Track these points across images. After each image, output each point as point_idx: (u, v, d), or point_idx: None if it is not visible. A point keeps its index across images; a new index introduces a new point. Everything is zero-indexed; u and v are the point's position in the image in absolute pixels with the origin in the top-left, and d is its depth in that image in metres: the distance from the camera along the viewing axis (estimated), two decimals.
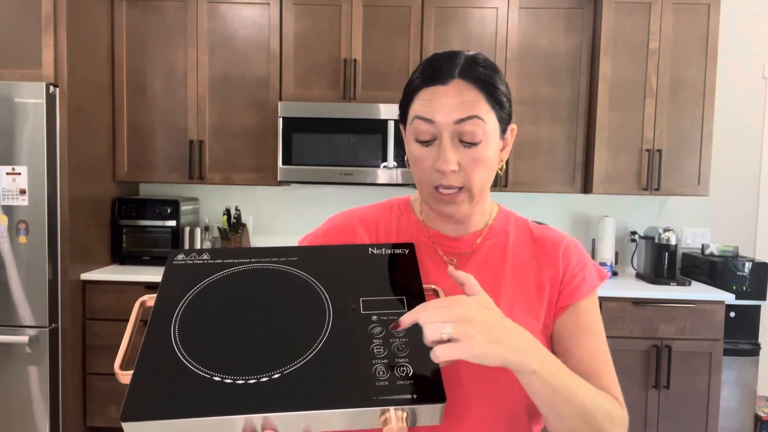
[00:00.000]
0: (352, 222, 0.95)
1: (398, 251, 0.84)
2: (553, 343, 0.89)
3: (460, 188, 0.83)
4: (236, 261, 0.81)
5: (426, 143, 0.82)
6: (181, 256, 0.81)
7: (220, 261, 0.81)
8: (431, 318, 0.65)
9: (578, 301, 0.88)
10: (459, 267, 0.89)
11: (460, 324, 0.64)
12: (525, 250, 0.92)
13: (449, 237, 0.91)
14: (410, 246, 0.85)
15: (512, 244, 0.92)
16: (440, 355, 0.63)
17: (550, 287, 0.89)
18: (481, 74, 0.81)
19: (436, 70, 0.82)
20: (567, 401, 0.71)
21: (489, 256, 0.90)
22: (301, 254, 0.82)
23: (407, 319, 0.67)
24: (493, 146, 0.83)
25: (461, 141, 0.80)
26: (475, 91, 0.80)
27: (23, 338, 2.56)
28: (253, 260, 0.81)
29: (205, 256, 0.82)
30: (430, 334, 0.64)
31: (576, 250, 0.92)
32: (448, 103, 0.79)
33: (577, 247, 0.93)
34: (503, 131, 0.85)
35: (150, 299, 0.77)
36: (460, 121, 0.79)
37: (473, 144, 0.80)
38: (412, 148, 0.85)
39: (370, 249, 0.85)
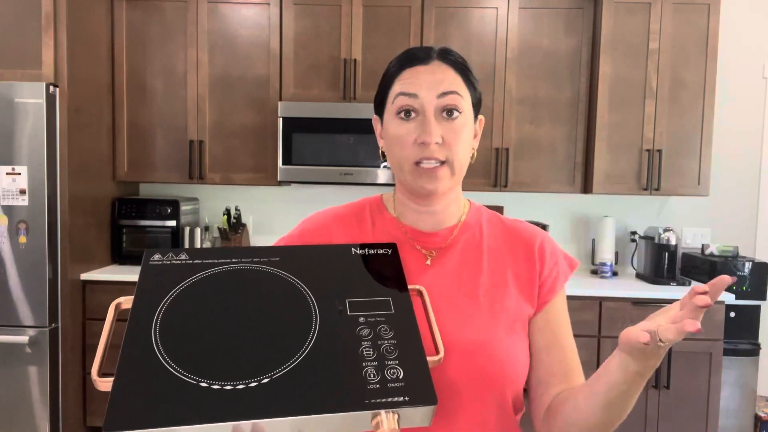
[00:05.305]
0: (326, 222, 0.95)
1: (381, 251, 0.84)
2: (531, 339, 0.90)
3: (443, 162, 0.84)
4: (216, 261, 0.77)
5: (407, 117, 0.84)
6: (157, 257, 0.77)
7: (200, 261, 0.77)
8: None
9: (555, 296, 0.91)
10: (436, 262, 0.90)
11: None
12: (500, 244, 0.93)
13: (425, 233, 0.92)
14: (393, 246, 0.85)
15: (487, 238, 0.93)
16: (690, 326, 0.62)
17: (528, 282, 0.91)
18: (457, 58, 0.88)
19: (414, 54, 0.87)
20: (626, 411, 0.78)
21: (465, 250, 0.91)
22: (284, 254, 0.80)
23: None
24: (470, 126, 0.87)
25: (443, 114, 0.84)
26: (453, 73, 0.86)
27: (23, 338, 2.56)
28: (233, 260, 0.78)
29: (183, 257, 0.78)
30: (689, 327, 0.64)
31: (549, 245, 0.94)
32: (430, 79, 0.84)
33: (550, 241, 0.95)
34: (475, 116, 0.90)
35: (126, 302, 0.73)
36: (443, 94, 0.83)
37: (456, 112, 0.84)
38: (393, 127, 0.86)
39: (353, 249, 0.83)
